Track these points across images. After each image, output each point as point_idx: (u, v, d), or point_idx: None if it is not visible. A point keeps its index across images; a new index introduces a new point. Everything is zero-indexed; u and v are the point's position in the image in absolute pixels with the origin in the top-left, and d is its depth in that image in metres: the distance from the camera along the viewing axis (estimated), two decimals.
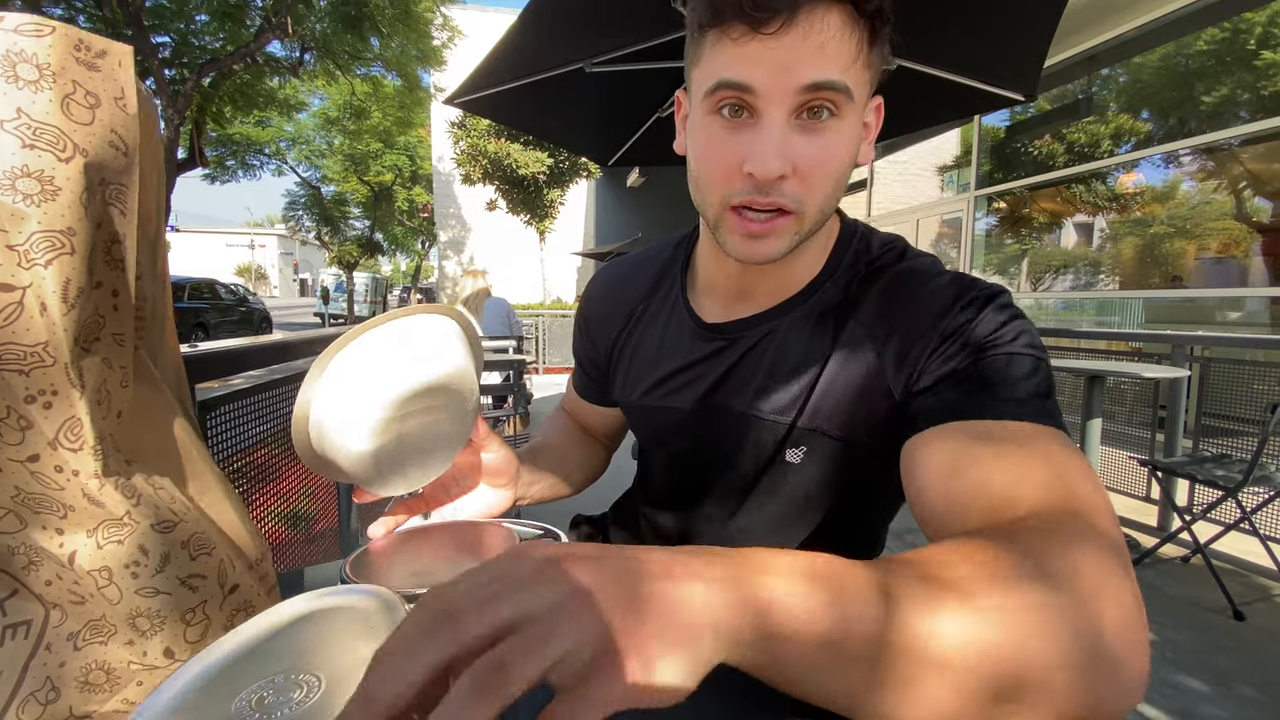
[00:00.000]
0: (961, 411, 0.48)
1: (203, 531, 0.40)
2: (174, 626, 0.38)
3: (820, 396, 0.61)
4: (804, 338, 0.62)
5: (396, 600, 0.40)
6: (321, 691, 0.33)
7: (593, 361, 0.84)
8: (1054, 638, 0.30)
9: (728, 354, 0.67)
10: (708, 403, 0.68)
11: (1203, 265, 4.61)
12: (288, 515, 1.99)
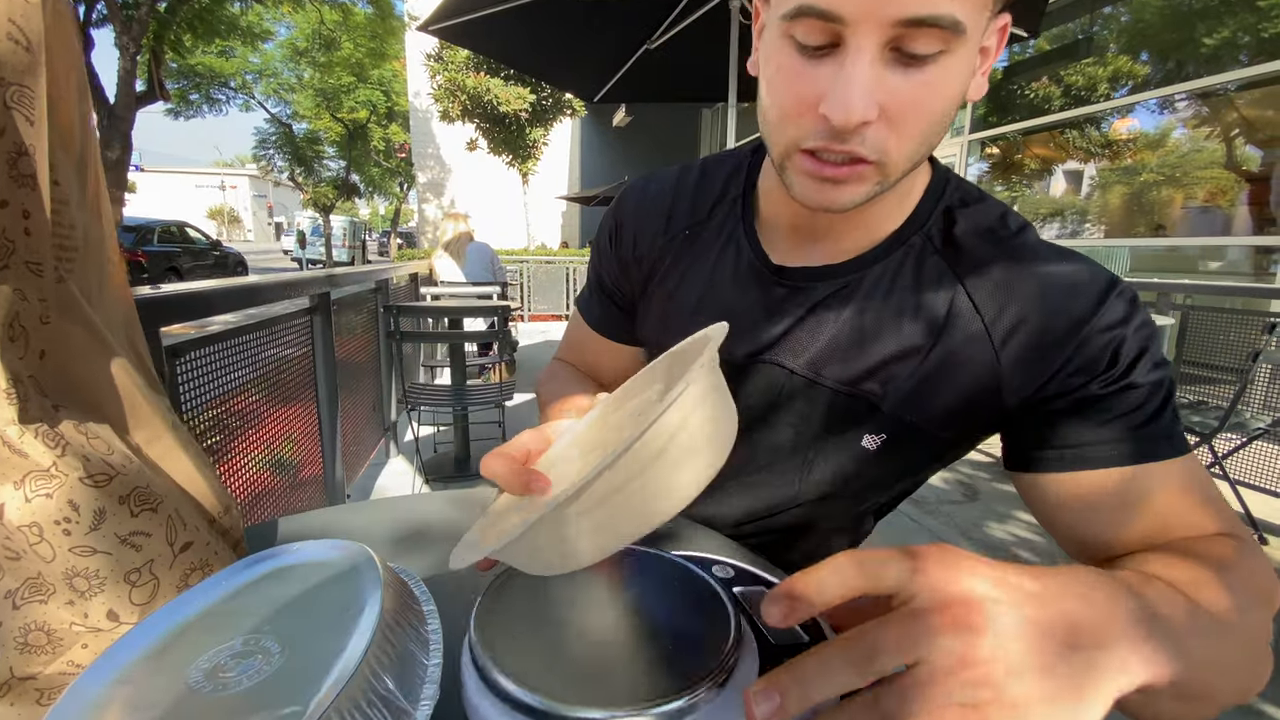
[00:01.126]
0: (1121, 457, 0.46)
1: (146, 485, 0.37)
2: (117, 588, 0.34)
3: (918, 380, 0.53)
4: (891, 301, 0.54)
5: (370, 556, 0.37)
6: (283, 658, 0.30)
7: (618, 288, 0.71)
8: None
9: (794, 304, 0.57)
10: (765, 359, 0.59)
11: (1188, 214, 4.60)
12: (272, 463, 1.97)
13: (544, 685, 0.30)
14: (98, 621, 0.34)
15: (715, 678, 0.31)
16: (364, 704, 0.27)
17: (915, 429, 0.55)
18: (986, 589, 0.25)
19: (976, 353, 0.51)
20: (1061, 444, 0.48)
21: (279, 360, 1.82)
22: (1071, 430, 0.48)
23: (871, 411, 0.55)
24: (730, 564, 0.45)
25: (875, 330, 0.54)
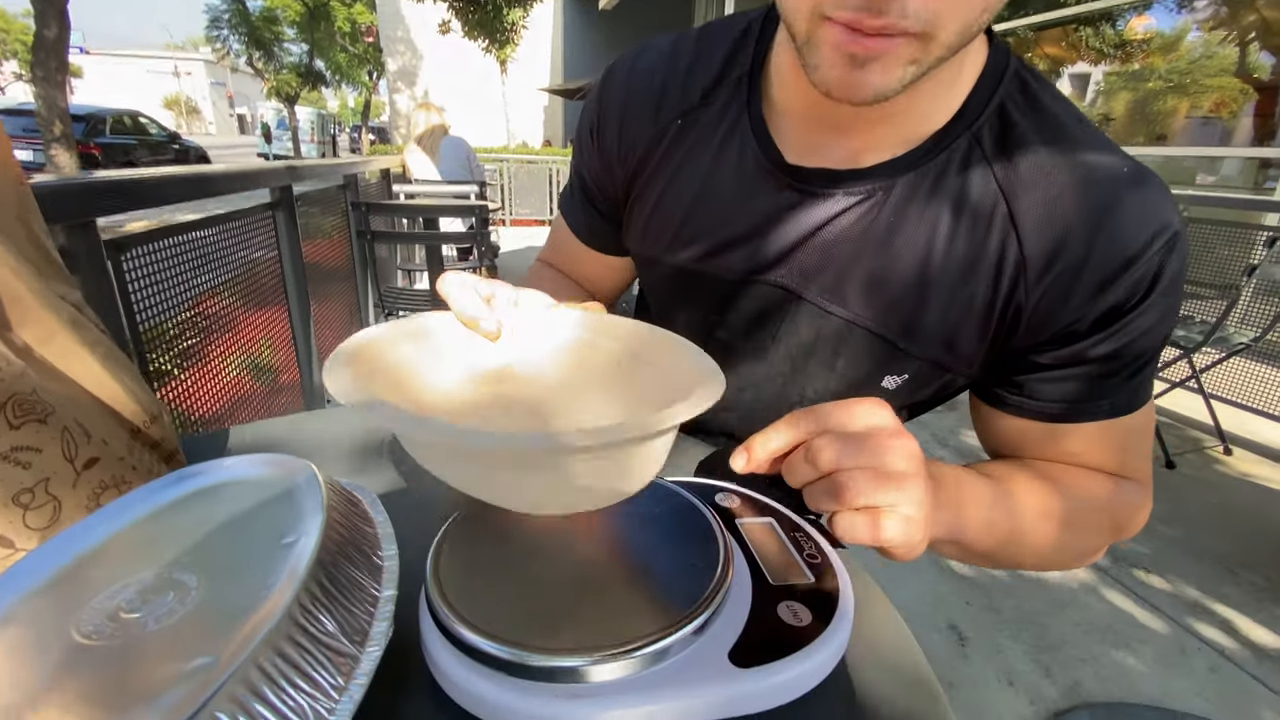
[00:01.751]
0: (1078, 415, 0.47)
1: (28, 392, 0.30)
2: (5, 511, 0.29)
3: (950, 320, 0.47)
4: (924, 219, 0.46)
5: (312, 474, 0.32)
6: (201, 595, 0.25)
7: (601, 188, 0.61)
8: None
9: (806, 214, 0.48)
10: (767, 278, 0.51)
11: (1190, 125, 4.44)
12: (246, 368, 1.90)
13: (507, 632, 0.26)
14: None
15: (694, 620, 0.27)
16: (292, 651, 0.22)
17: (942, 369, 0.49)
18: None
19: (1007, 287, 0.45)
20: (1031, 394, 0.48)
21: (243, 261, 1.71)
22: (1047, 384, 0.47)
23: (893, 352, 0.49)
24: (738, 492, 0.41)
25: (903, 255, 0.46)
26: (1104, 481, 0.49)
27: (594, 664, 0.25)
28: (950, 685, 1.33)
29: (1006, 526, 0.44)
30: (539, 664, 0.25)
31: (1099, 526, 0.49)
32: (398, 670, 0.29)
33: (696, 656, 0.27)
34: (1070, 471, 0.49)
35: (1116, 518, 0.49)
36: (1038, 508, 0.45)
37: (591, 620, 0.27)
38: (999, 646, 1.42)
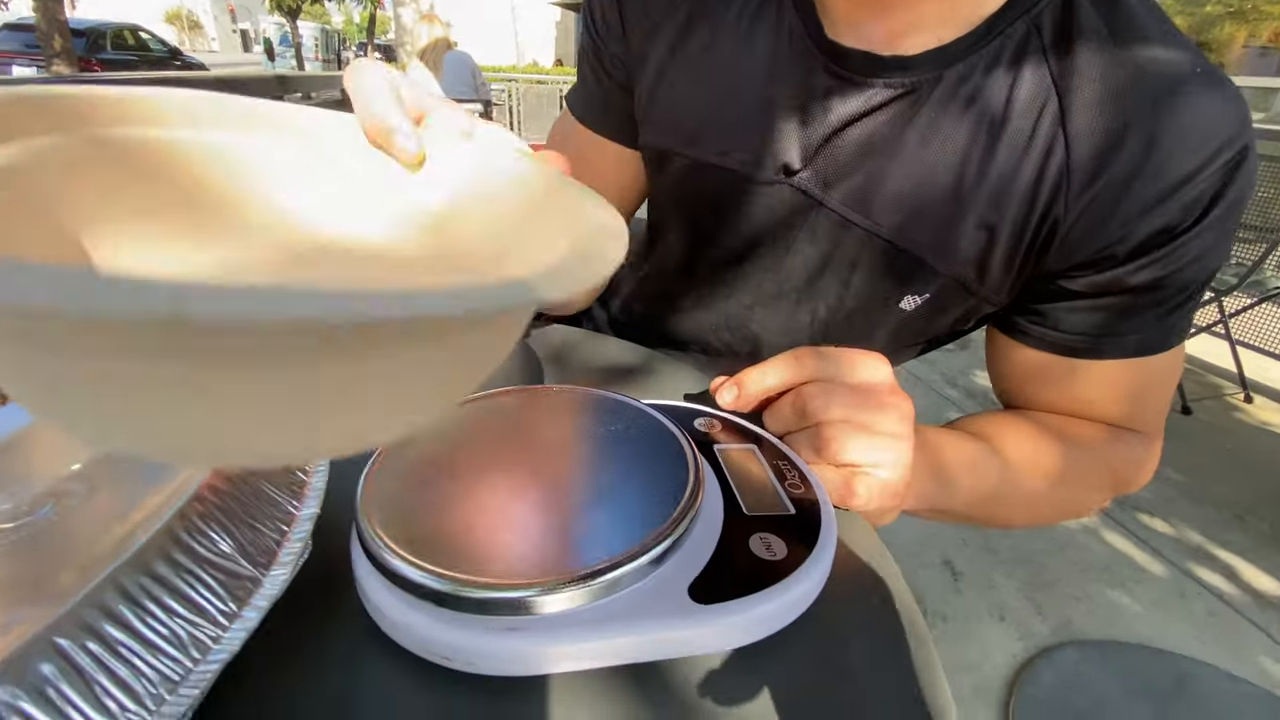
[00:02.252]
0: (1097, 351, 0.43)
1: None
2: None
3: (982, 236, 0.41)
4: (968, 117, 0.40)
5: None
6: (81, 506, 0.22)
7: (613, 67, 0.53)
8: None
9: (841, 105, 0.42)
10: (786, 179, 0.45)
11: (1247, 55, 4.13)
12: None
13: (441, 560, 0.22)
14: None
15: (651, 550, 0.24)
16: (168, 571, 0.19)
17: (967, 292, 0.44)
18: None
19: (1046, 198, 0.39)
20: (1055, 324, 0.44)
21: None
22: (1075, 313, 0.43)
23: (917, 268, 0.44)
24: (719, 416, 0.37)
25: (940, 161, 0.41)
26: (1107, 436, 0.46)
27: (535, 595, 0.22)
28: (942, 618, 1.34)
29: (989, 491, 0.42)
30: (472, 595, 0.22)
31: (1096, 484, 0.47)
32: (330, 604, 0.26)
33: (652, 590, 0.24)
34: (1072, 425, 0.46)
35: (1116, 474, 0.47)
36: (1027, 467, 0.43)
37: (537, 549, 0.24)
38: (992, 582, 1.43)
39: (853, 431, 0.32)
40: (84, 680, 0.16)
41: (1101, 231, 0.38)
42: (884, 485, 0.32)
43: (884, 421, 0.32)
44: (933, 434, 0.41)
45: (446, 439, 0.30)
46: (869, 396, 0.33)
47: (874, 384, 0.33)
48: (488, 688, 0.23)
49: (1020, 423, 0.46)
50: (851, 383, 0.33)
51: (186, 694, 0.18)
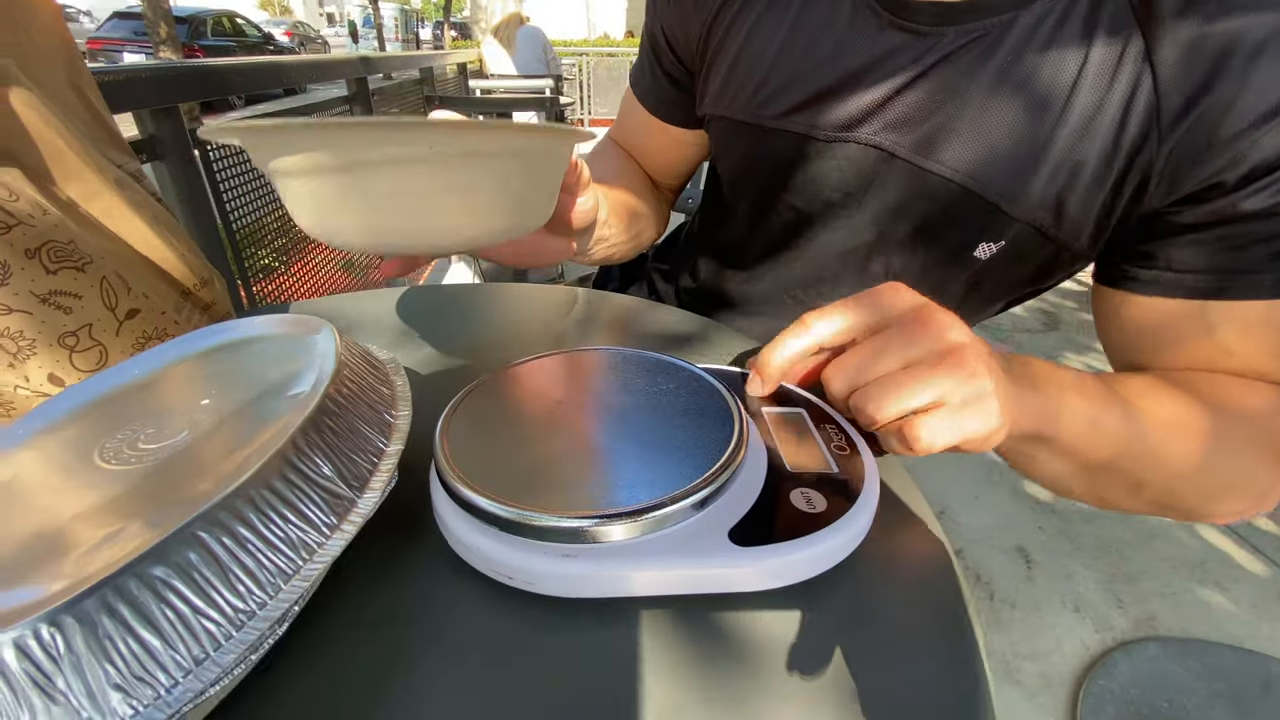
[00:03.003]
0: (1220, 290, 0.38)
1: (68, 240, 0.32)
2: (52, 351, 0.31)
3: (1061, 178, 0.40)
4: (1047, 58, 0.39)
5: (329, 332, 0.32)
6: (211, 432, 0.26)
7: (675, 45, 0.56)
8: None
9: (911, 58, 0.42)
10: (859, 137, 0.45)
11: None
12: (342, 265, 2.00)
13: (504, 491, 0.25)
14: (40, 384, 0.31)
15: (693, 495, 0.25)
16: (283, 487, 0.23)
17: (1045, 238, 0.43)
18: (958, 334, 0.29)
19: (1133, 139, 0.38)
20: (1169, 263, 0.40)
21: None
22: (1189, 247, 0.39)
23: (990, 215, 0.43)
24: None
25: (1017, 100, 0.40)
26: (1270, 393, 0.39)
27: (587, 526, 0.25)
28: (1011, 605, 1.30)
29: (1123, 433, 0.35)
30: (533, 522, 0.25)
31: (1266, 448, 0.37)
32: (410, 525, 0.30)
33: (694, 530, 0.26)
34: (1220, 379, 0.39)
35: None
36: (1172, 419, 0.36)
37: (591, 487, 0.26)
38: (1069, 573, 1.37)
39: (878, 390, 0.28)
40: (220, 566, 0.20)
41: (1205, 160, 0.36)
42: (953, 415, 0.27)
43: (913, 352, 0.28)
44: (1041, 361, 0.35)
45: (514, 392, 0.33)
46: (886, 338, 0.29)
47: (896, 316, 0.30)
48: (544, 605, 0.26)
49: (1159, 375, 0.40)
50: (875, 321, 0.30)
51: (297, 586, 0.21)
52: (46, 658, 0.17)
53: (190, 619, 0.19)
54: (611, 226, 0.54)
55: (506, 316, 0.55)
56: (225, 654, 0.19)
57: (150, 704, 0.18)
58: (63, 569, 0.19)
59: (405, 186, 0.28)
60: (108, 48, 10.12)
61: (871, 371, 0.29)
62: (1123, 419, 0.35)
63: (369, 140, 0.27)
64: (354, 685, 0.23)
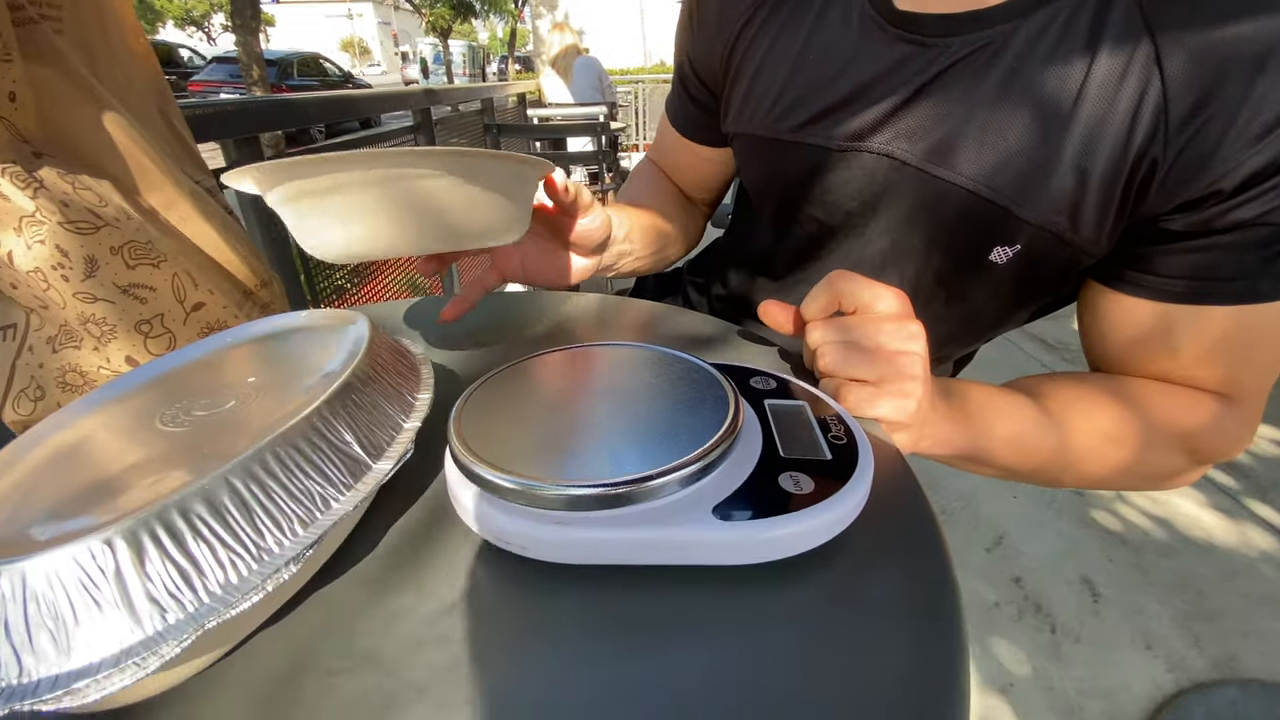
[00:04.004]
0: (1194, 296, 0.40)
1: (147, 241, 0.36)
2: (130, 336, 0.35)
3: (1073, 181, 0.40)
4: (1053, 62, 0.40)
5: (365, 324, 0.35)
6: (253, 403, 0.30)
7: (700, 71, 0.60)
8: None
9: (919, 68, 0.44)
10: (870, 146, 0.47)
11: None
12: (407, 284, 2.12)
13: (502, 461, 0.27)
14: (119, 365, 0.36)
15: (679, 471, 0.27)
16: (307, 448, 0.25)
17: (1061, 241, 0.43)
18: None
19: (1141, 140, 0.38)
20: (1152, 267, 0.41)
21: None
22: (1173, 255, 0.40)
23: (1002, 219, 0.43)
24: (776, 376, 0.39)
25: (1023, 106, 0.40)
26: (1188, 400, 0.44)
27: (576, 494, 0.26)
28: (1075, 639, 1.23)
29: (1046, 445, 0.43)
30: (526, 490, 0.27)
31: (1171, 449, 0.45)
32: (423, 495, 0.33)
33: (680, 505, 0.27)
34: (1136, 384, 0.45)
35: (1198, 443, 0.44)
36: (1089, 428, 0.43)
37: (585, 462, 0.28)
38: (1140, 608, 1.28)
39: (837, 354, 0.36)
40: (247, 510, 0.23)
41: (1207, 165, 0.36)
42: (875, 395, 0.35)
43: (879, 339, 0.35)
44: (974, 385, 0.43)
45: (525, 380, 0.35)
46: (866, 321, 0.36)
47: (885, 310, 0.36)
48: (539, 569, 0.27)
49: (1089, 381, 0.46)
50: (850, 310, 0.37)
51: (312, 533, 0.24)
52: (97, 569, 0.20)
53: (218, 549, 0.22)
54: (634, 241, 0.57)
55: (538, 320, 0.58)
56: (245, 583, 0.22)
57: (179, 619, 0.21)
58: (118, 504, 0.22)
59: (355, 207, 0.35)
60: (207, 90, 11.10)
61: (841, 337, 0.36)
62: (1048, 436, 0.43)
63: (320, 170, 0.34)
64: (358, 633, 0.26)
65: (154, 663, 0.19)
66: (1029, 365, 2.22)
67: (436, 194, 0.37)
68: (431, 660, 0.24)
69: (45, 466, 0.26)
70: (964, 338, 0.58)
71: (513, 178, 0.40)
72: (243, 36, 6.61)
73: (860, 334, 0.36)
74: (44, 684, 0.19)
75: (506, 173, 0.39)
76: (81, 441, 0.28)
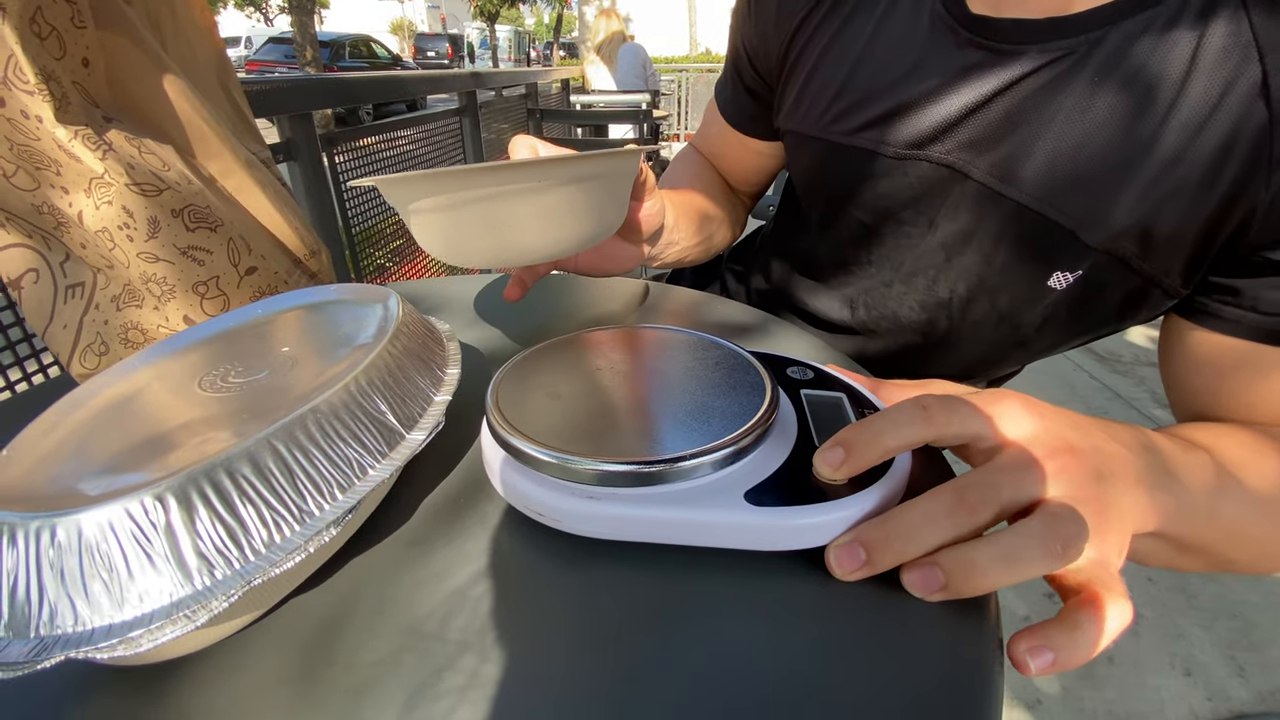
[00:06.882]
0: None
1: (205, 205, 0.37)
2: (187, 296, 0.37)
3: (1149, 206, 0.37)
4: (1137, 76, 0.37)
5: (397, 300, 0.35)
6: (289, 372, 0.30)
7: (755, 59, 0.57)
8: None
9: (991, 75, 0.41)
10: (932, 155, 0.44)
11: None
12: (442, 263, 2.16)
13: (541, 436, 0.28)
14: (176, 324, 0.37)
15: (711, 454, 0.27)
16: (346, 417, 0.26)
17: (1129, 270, 0.40)
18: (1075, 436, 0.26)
19: (1239, 171, 0.35)
20: (1255, 303, 0.37)
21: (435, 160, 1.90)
22: (1276, 291, 0.36)
23: (1066, 243, 0.41)
24: (814, 367, 0.38)
25: (1102, 125, 0.37)
26: None
27: (607, 470, 0.26)
28: (1108, 659, 1.19)
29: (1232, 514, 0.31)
30: (558, 463, 0.27)
31: None
32: (456, 466, 0.33)
33: (712, 488, 0.27)
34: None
35: None
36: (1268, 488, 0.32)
37: (619, 439, 0.28)
38: (1181, 632, 1.23)
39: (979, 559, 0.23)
40: (289, 473, 0.23)
41: None
42: None
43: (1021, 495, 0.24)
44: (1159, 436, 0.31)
45: (563, 357, 0.36)
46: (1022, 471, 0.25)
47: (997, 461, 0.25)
48: (571, 542, 0.28)
49: (1243, 432, 0.35)
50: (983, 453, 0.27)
51: (351, 498, 0.24)
52: (149, 524, 0.21)
53: (263, 509, 0.22)
54: (680, 231, 0.56)
55: (574, 303, 0.58)
56: (289, 543, 0.22)
57: (226, 575, 0.21)
58: (166, 462, 0.23)
59: (508, 214, 0.34)
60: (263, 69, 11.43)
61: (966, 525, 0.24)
62: (1237, 505, 0.31)
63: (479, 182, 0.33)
64: (396, 594, 0.26)
65: (203, 616, 0.20)
66: (1076, 376, 2.15)
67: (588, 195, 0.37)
68: (464, 624, 0.24)
69: (93, 424, 0.27)
70: (1009, 360, 0.56)
71: (632, 171, 0.40)
72: (298, 17, 6.78)
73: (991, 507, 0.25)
74: (98, 632, 0.20)
75: (632, 167, 0.40)
76: (126, 401, 0.29)
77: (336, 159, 1.37)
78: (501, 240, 0.35)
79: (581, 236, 0.38)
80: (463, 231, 0.35)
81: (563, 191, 0.35)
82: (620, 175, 0.38)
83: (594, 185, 0.36)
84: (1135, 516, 0.27)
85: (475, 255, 0.36)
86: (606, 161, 0.36)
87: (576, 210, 0.36)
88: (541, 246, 0.36)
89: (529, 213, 0.34)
